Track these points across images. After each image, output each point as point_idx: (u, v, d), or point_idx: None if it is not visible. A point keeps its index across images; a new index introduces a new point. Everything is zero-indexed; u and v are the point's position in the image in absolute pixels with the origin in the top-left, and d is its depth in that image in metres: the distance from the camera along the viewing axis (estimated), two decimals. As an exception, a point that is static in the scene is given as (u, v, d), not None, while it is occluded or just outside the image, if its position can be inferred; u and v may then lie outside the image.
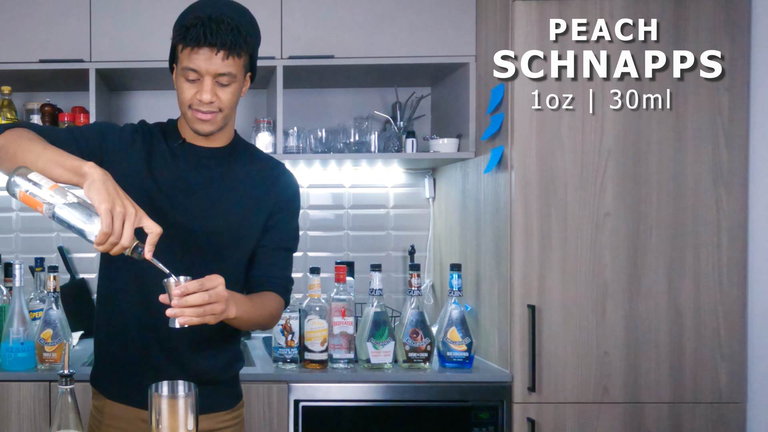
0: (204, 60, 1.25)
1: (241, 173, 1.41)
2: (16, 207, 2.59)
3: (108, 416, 1.42)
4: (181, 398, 1.07)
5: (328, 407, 1.94)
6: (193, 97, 1.30)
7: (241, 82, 1.32)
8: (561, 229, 1.90)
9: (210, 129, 1.34)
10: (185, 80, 1.29)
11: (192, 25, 1.24)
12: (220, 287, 1.14)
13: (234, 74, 1.28)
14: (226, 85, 1.29)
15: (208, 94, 1.28)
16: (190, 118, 1.33)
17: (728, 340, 1.88)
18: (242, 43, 1.26)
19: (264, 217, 1.41)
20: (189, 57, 1.26)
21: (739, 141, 1.88)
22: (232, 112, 1.36)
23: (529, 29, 1.89)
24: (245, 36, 1.27)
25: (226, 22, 1.24)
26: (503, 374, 1.94)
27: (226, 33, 1.24)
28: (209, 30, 1.23)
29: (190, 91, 1.30)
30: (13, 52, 2.19)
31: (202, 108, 1.30)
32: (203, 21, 1.24)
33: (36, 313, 2.13)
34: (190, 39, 1.24)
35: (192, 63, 1.26)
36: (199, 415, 1.30)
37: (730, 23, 1.87)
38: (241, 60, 1.29)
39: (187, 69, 1.27)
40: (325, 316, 1.99)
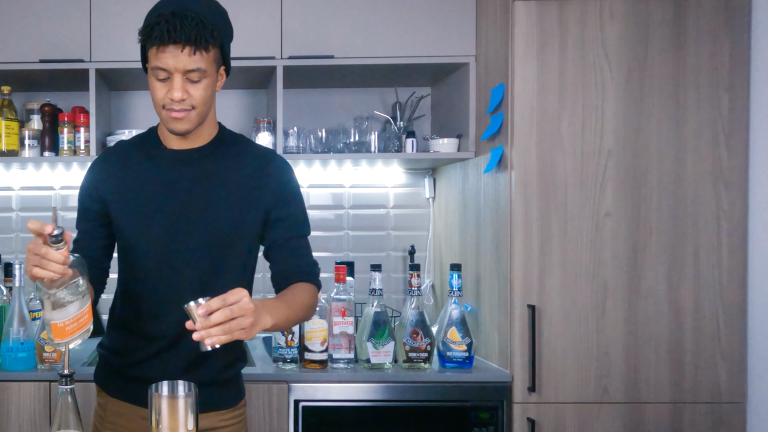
0: (171, 57, 1.23)
1: (228, 169, 1.38)
2: (16, 207, 2.59)
3: (111, 413, 1.43)
4: (181, 398, 1.07)
5: (328, 407, 1.94)
6: (164, 96, 1.28)
7: (213, 77, 1.30)
8: (561, 229, 1.90)
9: (184, 127, 1.31)
10: (156, 80, 1.28)
11: (156, 23, 1.23)
12: (245, 299, 1.09)
13: (204, 69, 1.26)
14: (197, 81, 1.26)
15: (178, 91, 1.25)
16: (165, 118, 1.31)
17: (728, 340, 1.88)
18: (208, 36, 1.24)
19: (261, 212, 1.38)
20: (156, 56, 1.25)
21: (739, 141, 1.88)
22: (206, 108, 1.32)
23: (529, 29, 1.89)
24: (211, 29, 1.25)
25: (190, 17, 1.22)
26: (503, 374, 1.94)
27: (191, 28, 1.22)
28: (173, 27, 1.21)
29: (161, 90, 1.28)
30: (13, 52, 2.19)
31: (174, 106, 1.27)
32: (166, 18, 1.22)
33: (36, 313, 2.13)
34: (154, 38, 1.23)
35: (160, 62, 1.24)
36: (200, 414, 1.32)
37: (730, 23, 1.87)
38: (210, 54, 1.26)
39: (156, 68, 1.26)
40: (325, 316, 1.99)
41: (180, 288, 1.36)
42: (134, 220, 1.37)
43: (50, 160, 2.26)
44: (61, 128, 2.26)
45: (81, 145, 2.25)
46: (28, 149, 2.24)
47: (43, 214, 2.57)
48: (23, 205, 2.59)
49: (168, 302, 1.36)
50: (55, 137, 2.29)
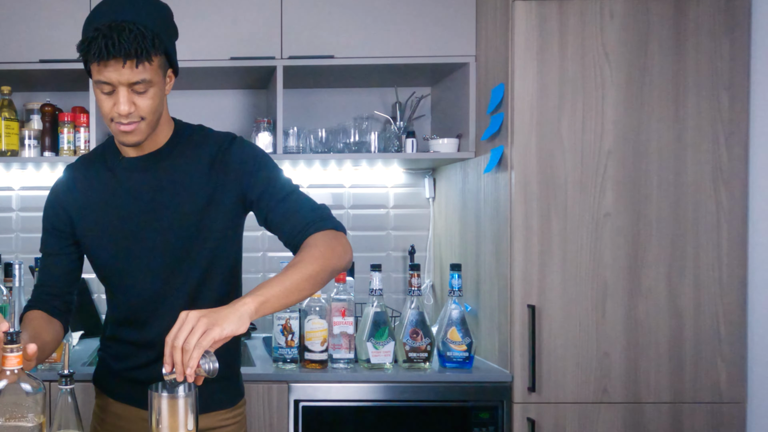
0: (113, 72, 1.18)
1: (187, 166, 1.33)
2: (16, 207, 2.59)
3: (111, 415, 1.42)
4: (180, 398, 1.07)
5: (328, 407, 1.94)
6: (111, 110, 1.23)
7: (160, 84, 1.24)
8: (561, 229, 1.90)
9: (135, 139, 1.27)
10: (101, 93, 1.23)
11: (93, 38, 1.16)
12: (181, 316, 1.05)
13: (149, 79, 1.20)
14: (143, 92, 1.22)
15: (124, 105, 1.20)
16: (114, 131, 1.27)
17: (728, 340, 1.88)
18: (149, 47, 1.18)
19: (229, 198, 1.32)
20: (98, 71, 1.20)
21: (739, 141, 1.88)
22: (155, 117, 1.27)
23: (529, 29, 1.89)
24: (152, 38, 1.18)
25: (128, 28, 1.16)
26: (503, 374, 1.94)
27: (130, 42, 1.15)
28: (110, 41, 1.15)
29: (107, 103, 1.23)
30: (13, 52, 2.19)
31: (122, 120, 1.23)
32: (103, 32, 1.16)
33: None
34: (93, 54, 1.17)
35: (102, 77, 1.20)
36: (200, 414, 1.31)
37: (730, 23, 1.87)
38: (155, 63, 1.21)
39: (99, 83, 1.21)
40: (325, 316, 1.99)
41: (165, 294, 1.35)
42: (101, 234, 1.36)
43: (50, 160, 2.26)
44: (61, 128, 2.25)
45: (81, 145, 2.25)
46: (28, 149, 2.24)
47: (43, 214, 2.57)
48: (23, 205, 2.59)
49: (155, 310, 1.35)
50: (55, 137, 2.29)
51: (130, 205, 1.34)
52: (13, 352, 1.00)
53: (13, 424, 1.01)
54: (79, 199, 1.38)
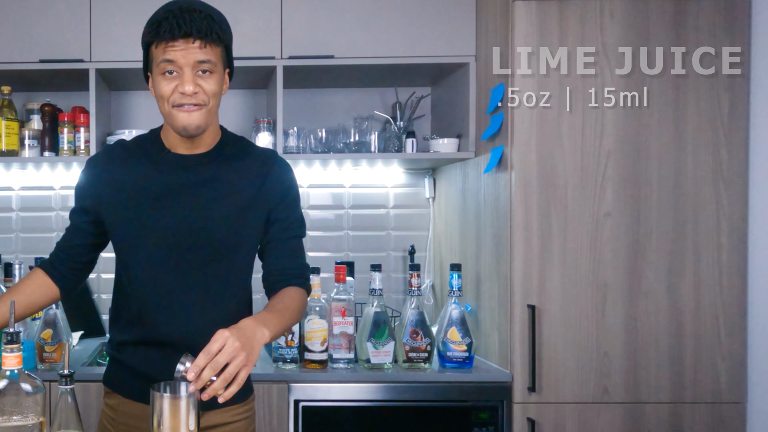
0: (181, 51, 1.22)
1: (230, 174, 1.37)
2: (16, 207, 2.59)
3: (122, 414, 1.42)
4: (182, 398, 1.07)
5: (328, 407, 1.94)
6: (174, 91, 1.25)
7: (221, 74, 1.29)
8: (561, 229, 1.90)
9: (198, 123, 1.28)
10: (164, 77, 1.25)
11: (163, 18, 1.22)
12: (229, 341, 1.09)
13: (214, 62, 1.25)
14: (208, 76, 1.25)
15: (190, 84, 1.23)
16: (175, 116, 1.27)
17: (728, 340, 1.88)
18: (218, 29, 1.24)
19: (262, 215, 1.39)
20: (165, 51, 1.23)
21: (739, 141, 1.88)
22: (215, 105, 1.31)
23: (529, 29, 1.89)
24: (219, 24, 1.25)
25: (197, 10, 1.23)
26: (503, 374, 1.94)
27: (200, 21, 1.21)
28: (182, 20, 1.21)
29: (169, 86, 1.25)
30: (13, 52, 2.19)
31: (185, 101, 1.25)
32: (174, 13, 1.22)
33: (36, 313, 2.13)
34: (163, 33, 1.21)
35: (168, 56, 1.23)
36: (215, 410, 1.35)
37: (729, 23, 1.87)
38: (219, 49, 1.26)
39: (165, 61, 1.24)
40: (325, 316, 1.99)
41: (183, 294, 1.36)
42: (132, 224, 1.36)
43: (50, 160, 2.26)
44: (61, 128, 2.25)
45: (81, 145, 2.25)
46: (28, 149, 2.24)
47: (44, 214, 2.57)
48: (23, 205, 2.59)
49: (171, 309, 1.36)
50: (55, 137, 2.29)
51: (168, 200, 1.35)
52: (13, 352, 1.00)
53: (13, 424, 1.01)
54: (116, 183, 1.38)
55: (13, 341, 1.00)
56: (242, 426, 1.44)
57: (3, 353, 1.01)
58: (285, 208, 1.40)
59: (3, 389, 1.00)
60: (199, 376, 1.07)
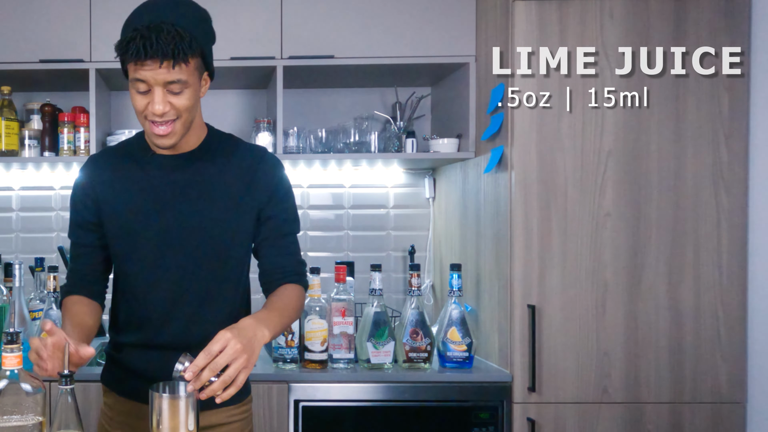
0: (150, 72, 1.21)
1: (218, 172, 1.37)
2: (16, 207, 2.59)
3: (119, 413, 1.43)
4: (181, 398, 1.07)
5: (328, 407, 1.94)
6: (146, 108, 1.25)
7: (196, 86, 1.27)
8: (561, 229, 1.90)
9: (170, 142, 1.29)
10: (136, 92, 1.25)
11: (131, 38, 1.19)
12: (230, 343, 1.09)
13: (185, 80, 1.23)
14: (179, 93, 1.24)
15: (159, 104, 1.23)
16: (148, 131, 1.29)
17: (728, 340, 1.88)
18: (187, 48, 1.20)
19: (253, 211, 1.38)
20: (135, 70, 1.22)
21: (739, 141, 1.88)
22: (191, 116, 1.30)
23: (529, 29, 1.89)
24: (189, 40, 1.21)
25: (166, 29, 1.18)
26: (503, 374, 1.94)
27: (167, 42, 1.18)
28: (149, 42, 1.18)
29: (142, 101, 1.25)
30: (13, 52, 2.19)
31: (156, 119, 1.25)
32: (141, 33, 1.18)
33: (36, 313, 2.13)
34: (131, 54, 1.19)
35: (139, 74, 1.22)
36: (211, 410, 1.35)
37: (729, 23, 1.87)
38: (191, 65, 1.23)
39: (135, 81, 1.23)
40: (325, 316, 1.99)
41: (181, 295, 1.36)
42: (126, 229, 1.37)
43: (50, 160, 2.26)
44: (61, 128, 2.25)
45: (81, 145, 2.25)
46: (28, 149, 2.24)
47: (43, 214, 2.57)
48: (23, 205, 2.59)
49: (170, 310, 1.36)
50: (55, 137, 2.29)
51: (159, 203, 1.35)
52: (13, 352, 1.00)
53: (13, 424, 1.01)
54: (107, 192, 1.38)
55: (13, 341, 1.00)
56: (238, 427, 1.44)
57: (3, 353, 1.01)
58: (276, 205, 1.39)
59: (3, 389, 1.00)
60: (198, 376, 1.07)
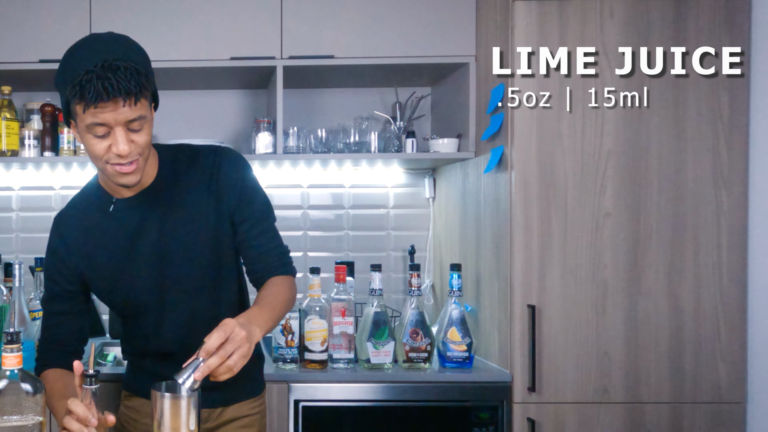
0: (111, 113, 1.13)
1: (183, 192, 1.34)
2: (16, 207, 2.59)
3: (145, 415, 1.46)
4: (183, 398, 1.07)
5: (328, 407, 1.94)
6: (107, 152, 1.18)
7: (151, 119, 1.22)
8: (561, 229, 1.90)
9: (135, 179, 1.23)
10: (94, 137, 1.17)
11: (87, 80, 1.11)
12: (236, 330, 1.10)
13: (145, 116, 1.18)
14: (139, 129, 1.18)
15: (125, 145, 1.16)
16: (111, 174, 1.22)
17: (728, 340, 1.88)
18: (145, 82, 1.15)
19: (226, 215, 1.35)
20: (93, 114, 1.14)
21: (739, 141, 1.88)
22: (149, 151, 1.25)
23: (529, 29, 1.89)
24: (145, 74, 1.16)
25: (123, 66, 1.12)
26: (503, 374, 1.94)
27: (127, 80, 1.11)
28: (108, 82, 1.10)
29: (101, 146, 1.17)
30: (13, 52, 2.19)
31: (121, 161, 1.19)
32: (97, 73, 1.11)
33: (36, 313, 2.13)
34: (90, 97, 1.11)
35: (97, 119, 1.14)
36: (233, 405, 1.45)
37: (729, 23, 1.87)
38: (148, 98, 1.19)
39: (94, 125, 1.15)
40: (325, 316, 1.99)
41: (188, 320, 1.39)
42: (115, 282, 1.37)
43: (50, 160, 2.25)
44: (61, 128, 2.25)
45: (81, 145, 2.25)
46: (28, 149, 2.24)
47: (43, 214, 2.56)
48: (23, 205, 2.59)
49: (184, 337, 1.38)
50: (55, 137, 2.29)
51: (138, 245, 1.34)
52: (13, 352, 1.00)
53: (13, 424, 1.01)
54: (81, 252, 1.36)
55: (13, 341, 1.00)
56: (258, 418, 1.51)
57: (3, 353, 1.01)
58: (245, 206, 1.36)
59: (3, 389, 1.00)
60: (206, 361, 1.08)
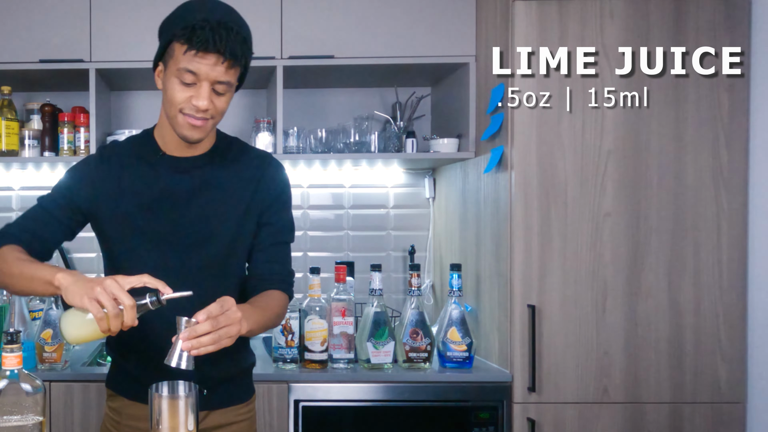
0: (207, 66, 1.20)
1: (226, 177, 1.37)
2: (16, 207, 2.59)
3: (127, 417, 1.43)
4: (181, 399, 1.07)
5: (328, 407, 1.94)
6: (186, 101, 1.24)
7: (233, 92, 1.29)
8: (561, 229, 1.90)
9: (200, 136, 1.29)
10: (180, 82, 1.23)
11: (200, 27, 1.18)
12: (233, 308, 1.12)
13: (232, 83, 1.25)
14: (222, 94, 1.25)
15: (204, 100, 1.22)
16: (181, 123, 1.27)
17: (728, 340, 1.88)
18: (248, 54, 1.24)
19: (255, 216, 1.39)
20: (190, 60, 1.20)
21: (739, 141, 1.88)
22: (221, 119, 1.32)
23: (529, 29, 1.89)
24: (249, 48, 1.25)
25: (235, 30, 1.20)
26: (503, 374, 1.94)
27: (235, 42, 1.20)
28: (218, 36, 1.18)
29: (183, 93, 1.24)
30: (13, 52, 2.19)
31: (195, 114, 1.24)
32: (212, 26, 1.18)
33: (36, 313, 2.13)
34: (197, 42, 1.18)
35: (192, 66, 1.20)
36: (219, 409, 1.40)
37: (729, 23, 1.87)
38: (238, 70, 1.26)
39: (185, 71, 1.21)
40: (325, 316, 1.99)
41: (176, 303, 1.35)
42: (129, 226, 1.35)
43: (50, 160, 2.26)
44: (61, 128, 2.25)
45: (81, 145, 2.25)
46: (28, 149, 2.24)
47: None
48: (23, 205, 2.59)
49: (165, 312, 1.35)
50: (55, 137, 2.29)
51: (167, 204, 1.35)
52: (13, 352, 1.00)
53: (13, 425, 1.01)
54: (113, 187, 1.36)
55: (13, 341, 1.01)
56: (246, 426, 1.45)
57: (3, 353, 1.01)
58: (276, 212, 1.40)
59: (3, 389, 1.01)
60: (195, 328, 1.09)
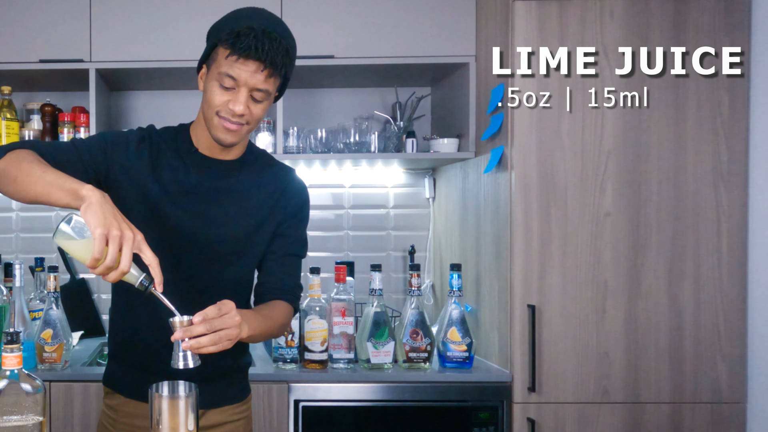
0: (247, 72, 1.22)
1: (250, 184, 1.40)
2: (16, 207, 2.59)
3: (123, 414, 1.43)
4: (181, 398, 1.07)
5: (328, 407, 1.94)
6: (223, 105, 1.26)
7: (271, 102, 1.31)
8: (561, 229, 1.90)
9: (233, 140, 1.31)
10: (219, 86, 1.26)
11: (245, 33, 1.20)
12: (233, 311, 1.13)
13: (270, 92, 1.27)
14: (260, 101, 1.27)
15: (241, 105, 1.25)
16: (216, 126, 1.29)
17: (728, 340, 1.88)
18: (288, 65, 1.26)
19: (272, 227, 1.42)
20: (232, 65, 1.23)
21: (739, 141, 1.88)
22: (256, 127, 1.34)
23: (529, 29, 1.89)
24: (292, 59, 1.27)
25: (279, 40, 1.22)
26: (503, 374, 1.94)
27: (277, 52, 1.22)
28: (261, 44, 1.20)
29: (221, 97, 1.26)
30: (13, 52, 2.19)
31: (231, 118, 1.27)
32: (257, 33, 1.20)
33: (36, 313, 2.13)
34: (240, 47, 1.20)
35: (233, 71, 1.23)
36: (215, 409, 1.40)
37: (729, 23, 1.87)
38: (278, 80, 1.28)
39: (226, 75, 1.24)
40: (325, 316, 1.99)
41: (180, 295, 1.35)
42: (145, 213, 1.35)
43: (50, 160, 2.25)
44: (61, 128, 2.25)
45: (82, 145, 2.25)
46: (28, 149, 2.23)
47: (43, 214, 2.57)
48: (23, 205, 2.59)
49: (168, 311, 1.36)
50: (55, 137, 2.29)
51: (186, 199, 1.35)
52: (13, 352, 1.00)
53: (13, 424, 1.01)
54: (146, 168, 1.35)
55: (13, 341, 1.01)
56: (241, 425, 1.46)
57: (3, 353, 1.01)
58: (293, 226, 1.44)
59: (3, 389, 1.01)
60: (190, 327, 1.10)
